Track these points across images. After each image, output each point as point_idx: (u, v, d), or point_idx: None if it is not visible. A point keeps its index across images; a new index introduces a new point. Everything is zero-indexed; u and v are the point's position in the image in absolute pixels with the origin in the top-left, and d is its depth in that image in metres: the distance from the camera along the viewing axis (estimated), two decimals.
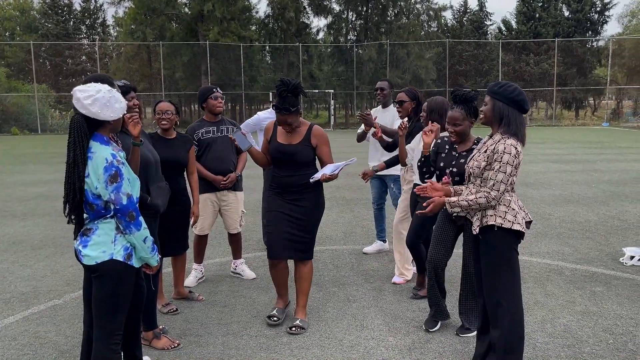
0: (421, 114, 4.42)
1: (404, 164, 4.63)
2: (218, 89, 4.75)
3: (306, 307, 4.07)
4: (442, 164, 3.80)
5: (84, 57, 42.68)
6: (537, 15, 38.58)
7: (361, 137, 5.54)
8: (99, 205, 2.57)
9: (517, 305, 3.02)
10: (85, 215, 2.62)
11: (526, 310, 4.15)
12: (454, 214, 3.18)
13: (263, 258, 5.70)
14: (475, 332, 3.71)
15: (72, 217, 2.56)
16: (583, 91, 38.61)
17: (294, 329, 3.86)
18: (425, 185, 3.20)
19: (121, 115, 2.65)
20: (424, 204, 3.14)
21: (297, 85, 3.70)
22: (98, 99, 2.52)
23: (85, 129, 2.53)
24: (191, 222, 4.35)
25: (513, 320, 3.00)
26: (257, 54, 38.55)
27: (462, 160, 3.68)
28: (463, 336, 3.75)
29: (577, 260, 5.51)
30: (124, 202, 2.54)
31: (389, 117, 5.45)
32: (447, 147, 3.83)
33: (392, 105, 5.47)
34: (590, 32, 39.06)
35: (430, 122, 4.27)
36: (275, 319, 3.95)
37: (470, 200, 2.98)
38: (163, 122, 4.06)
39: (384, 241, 5.90)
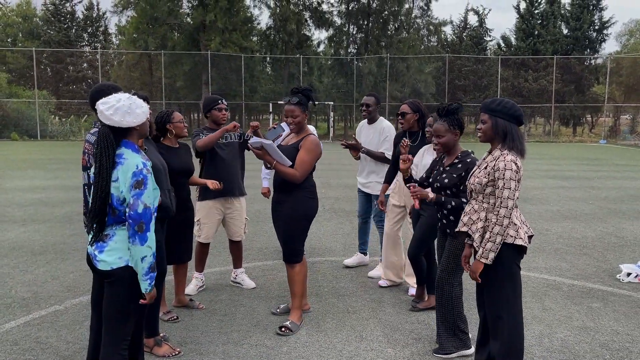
0: (427, 129, 4.46)
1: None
2: (223, 100, 4.81)
3: (300, 310, 4.17)
4: (430, 180, 3.82)
5: (85, 65, 42.84)
6: (536, 33, 38.93)
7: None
8: (121, 211, 2.62)
9: (517, 318, 3.07)
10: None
11: (524, 324, 4.17)
12: (457, 229, 3.26)
13: (263, 267, 5.73)
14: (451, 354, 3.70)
15: (94, 223, 2.60)
16: (581, 108, 38.85)
17: (283, 329, 4.02)
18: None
19: (145, 119, 2.71)
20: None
21: (308, 89, 4.07)
22: (119, 107, 2.61)
23: (112, 139, 2.61)
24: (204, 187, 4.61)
25: (513, 333, 3.05)
26: (258, 65, 38.75)
27: (444, 175, 3.66)
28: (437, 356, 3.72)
29: (574, 276, 5.56)
30: (140, 210, 2.58)
31: (374, 133, 5.42)
32: (437, 164, 3.86)
33: (379, 120, 5.49)
34: (588, 50, 39.41)
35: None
36: (277, 308, 4.42)
37: (491, 239, 2.98)
38: (185, 131, 4.16)
39: (365, 254, 5.91)
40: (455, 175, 3.59)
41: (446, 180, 3.62)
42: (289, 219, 4.04)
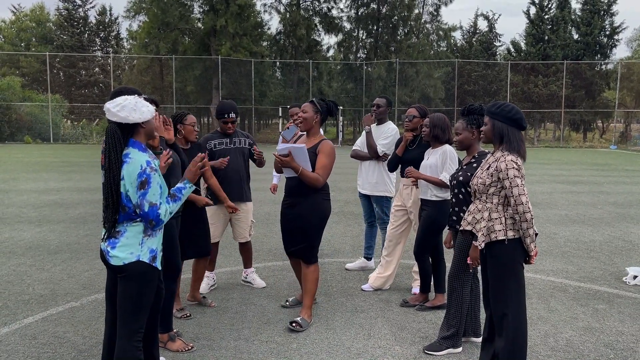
0: (423, 129, 4.58)
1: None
2: (232, 114, 4.81)
3: (310, 309, 4.29)
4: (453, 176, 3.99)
5: (97, 69, 43.38)
6: (546, 38, 38.85)
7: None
8: (130, 208, 2.75)
9: (521, 316, 3.14)
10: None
11: (530, 324, 4.26)
12: (462, 228, 3.35)
13: (273, 268, 5.84)
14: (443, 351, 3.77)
15: (109, 218, 2.73)
16: (591, 113, 38.69)
17: (294, 324, 4.15)
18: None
19: (150, 118, 2.83)
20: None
21: (334, 102, 4.35)
22: (125, 105, 2.75)
23: (119, 135, 2.74)
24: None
25: (517, 331, 3.13)
26: (267, 70, 39.04)
27: (460, 173, 3.85)
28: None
29: (580, 279, 5.61)
30: (146, 209, 2.72)
31: (379, 134, 5.59)
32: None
33: (386, 123, 5.64)
34: (599, 55, 39.26)
35: (433, 137, 4.47)
36: (286, 301, 4.62)
37: (525, 235, 3.06)
38: (197, 135, 4.29)
39: (369, 259, 5.95)
40: (469, 174, 3.77)
41: (461, 178, 3.80)
42: (307, 221, 4.14)
